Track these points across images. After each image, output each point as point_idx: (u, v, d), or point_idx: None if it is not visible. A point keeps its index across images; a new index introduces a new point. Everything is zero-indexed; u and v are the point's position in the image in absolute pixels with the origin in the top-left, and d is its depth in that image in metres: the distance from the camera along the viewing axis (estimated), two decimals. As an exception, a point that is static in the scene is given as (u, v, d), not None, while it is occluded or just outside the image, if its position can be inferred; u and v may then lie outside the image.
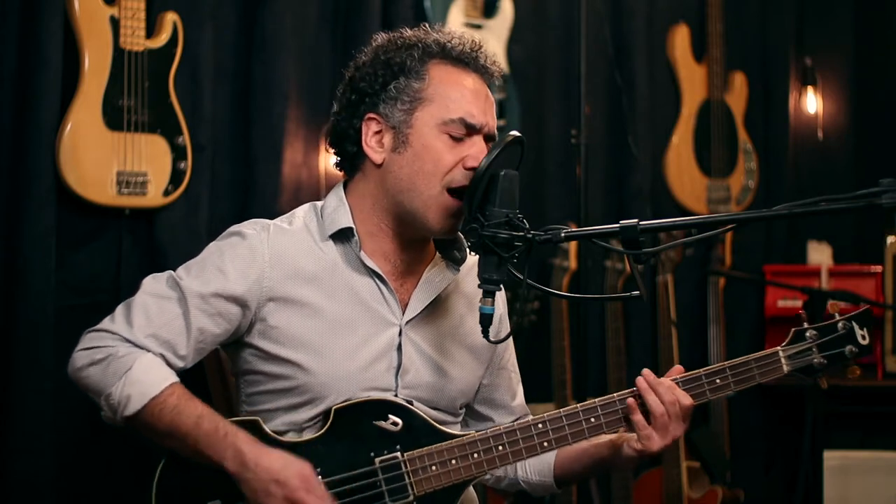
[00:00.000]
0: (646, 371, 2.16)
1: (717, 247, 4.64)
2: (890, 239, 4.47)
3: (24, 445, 2.93)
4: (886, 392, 4.48)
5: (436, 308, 2.23)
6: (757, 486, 4.72)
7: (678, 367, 2.19)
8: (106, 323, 2.11)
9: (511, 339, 2.18)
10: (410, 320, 2.20)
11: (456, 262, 2.25)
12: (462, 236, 2.23)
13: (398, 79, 2.14)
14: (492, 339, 2.11)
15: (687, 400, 2.13)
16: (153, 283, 2.14)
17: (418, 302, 2.21)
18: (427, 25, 2.23)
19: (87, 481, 3.10)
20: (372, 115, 2.15)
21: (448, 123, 2.12)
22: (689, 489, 4.29)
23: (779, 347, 2.21)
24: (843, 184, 4.85)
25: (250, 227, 2.17)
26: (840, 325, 2.21)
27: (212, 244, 2.19)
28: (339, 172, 2.27)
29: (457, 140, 2.13)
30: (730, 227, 2.14)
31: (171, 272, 2.15)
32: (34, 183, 2.94)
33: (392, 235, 2.19)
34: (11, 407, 2.93)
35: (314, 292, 2.14)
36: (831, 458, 3.85)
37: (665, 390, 2.13)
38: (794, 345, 2.21)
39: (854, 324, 2.21)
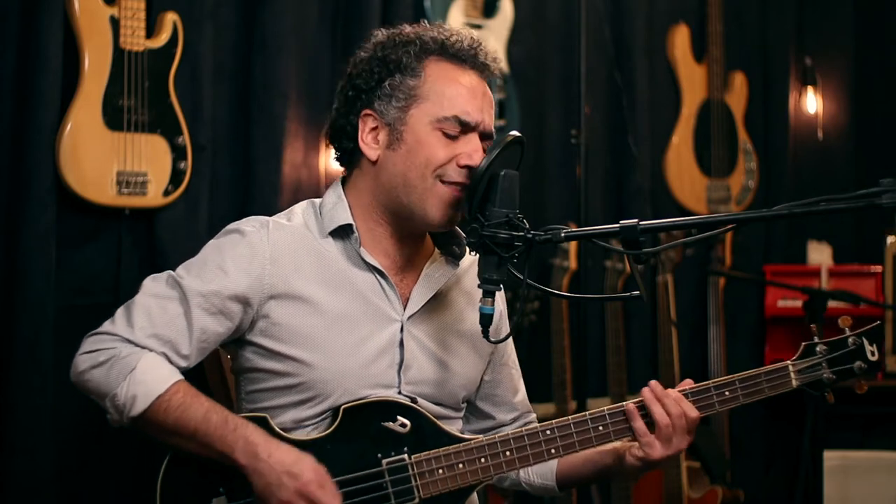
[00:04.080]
0: (653, 383, 2.16)
1: (717, 247, 4.63)
2: (890, 239, 4.47)
3: (24, 445, 2.93)
4: (886, 392, 4.47)
5: (436, 303, 2.23)
6: (757, 486, 4.72)
7: (688, 381, 2.19)
8: (107, 325, 2.10)
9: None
10: (412, 316, 2.19)
11: (455, 256, 2.25)
12: (460, 231, 2.23)
13: (394, 76, 2.14)
14: (492, 339, 2.11)
15: (693, 413, 2.14)
16: (153, 284, 2.13)
17: (419, 297, 2.20)
18: (427, 22, 2.23)
19: (87, 481, 3.10)
20: (368, 112, 2.15)
21: (442, 121, 2.11)
22: (689, 489, 4.29)
23: (789, 361, 2.19)
24: (843, 184, 4.85)
25: (249, 224, 2.17)
26: (850, 340, 2.21)
27: (211, 242, 2.18)
28: (339, 170, 2.27)
29: (451, 138, 2.12)
30: (730, 227, 2.14)
31: (171, 272, 2.14)
32: (34, 183, 2.94)
33: (391, 231, 2.19)
34: (11, 407, 2.93)
35: (315, 289, 2.14)
36: (831, 458, 3.85)
37: (671, 402, 2.13)
38: (805, 359, 2.20)
39: (864, 340, 2.21)
